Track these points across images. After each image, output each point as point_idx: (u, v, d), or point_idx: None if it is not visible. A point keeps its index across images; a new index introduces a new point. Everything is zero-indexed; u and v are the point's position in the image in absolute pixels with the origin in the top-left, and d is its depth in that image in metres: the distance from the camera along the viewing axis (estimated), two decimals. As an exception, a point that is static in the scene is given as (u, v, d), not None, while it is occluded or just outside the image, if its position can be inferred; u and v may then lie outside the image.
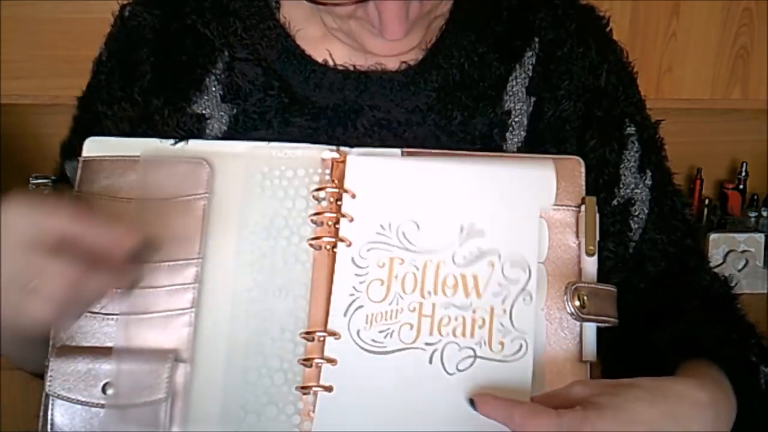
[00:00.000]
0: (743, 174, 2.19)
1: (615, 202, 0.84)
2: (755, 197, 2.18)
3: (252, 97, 0.83)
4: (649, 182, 0.86)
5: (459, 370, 0.74)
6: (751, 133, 2.19)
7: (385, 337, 0.74)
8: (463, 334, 0.74)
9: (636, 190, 0.85)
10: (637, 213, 0.85)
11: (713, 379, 0.75)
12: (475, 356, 0.74)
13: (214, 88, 0.84)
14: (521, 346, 0.74)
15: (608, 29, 0.89)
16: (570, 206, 0.78)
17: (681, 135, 2.23)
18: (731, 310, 0.87)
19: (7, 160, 1.92)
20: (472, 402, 0.72)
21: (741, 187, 2.19)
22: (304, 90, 0.82)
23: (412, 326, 0.74)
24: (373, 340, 0.74)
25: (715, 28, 1.92)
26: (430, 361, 0.74)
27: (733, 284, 0.90)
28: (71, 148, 0.88)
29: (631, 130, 0.86)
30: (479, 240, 0.76)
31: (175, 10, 0.86)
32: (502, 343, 0.74)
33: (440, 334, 0.74)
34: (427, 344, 0.74)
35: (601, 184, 0.83)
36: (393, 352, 0.74)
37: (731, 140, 2.21)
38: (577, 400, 0.68)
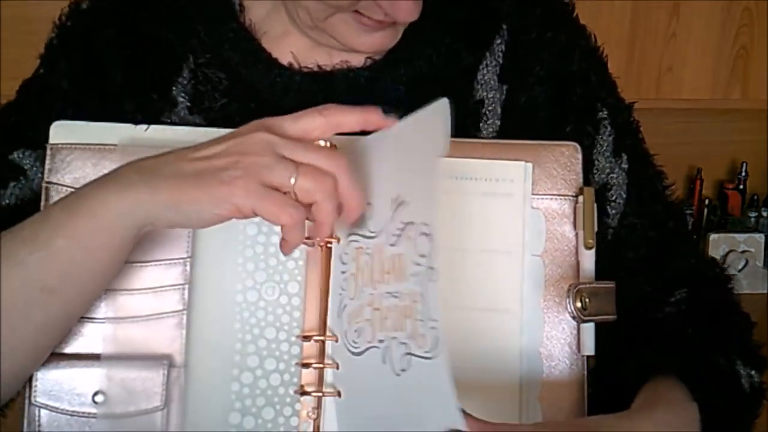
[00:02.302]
0: (743, 174, 2.19)
1: None
2: (755, 197, 2.18)
3: (217, 103, 0.80)
4: (625, 165, 0.85)
5: (402, 370, 0.68)
6: (751, 133, 2.19)
7: (358, 336, 0.71)
8: (400, 328, 0.69)
9: (612, 175, 0.84)
10: (613, 198, 0.84)
11: (667, 403, 0.74)
12: (410, 353, 0.67)
13: (181, 99, 0.81)
14: (437, 339, 0.66)
15: (575, 15, 0.87)
16: (567, 195, 0.78)
17: (681, 135, 2.24)
18: (722, 296, 0.86)
19: (6, 160, 1.92)
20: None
21: (741, 187, 2.18)
22: (271, 95, 0.80)
23: (370, 322, 0.70)
24: (353, 341, 0.71)
25: (715, 28, 1.92)
26: (384, 360, 0.69)
27: (723, 266, 0.88)
28: (17, 137, 0.82)
29: (603, 114, 0.85)
30: (403, 211, 0.70)
31: (135, 16, 0.83)
32: (423, 336, 0.67)
33: (386, 328, 0.69)
34: (380, 341, 0.69)
35: None
36: (363, 352, 0.70)
37: (731, 140, 2.20)
38: None
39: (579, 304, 0.75)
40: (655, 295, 0.83)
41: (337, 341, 0.73)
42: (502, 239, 0.76)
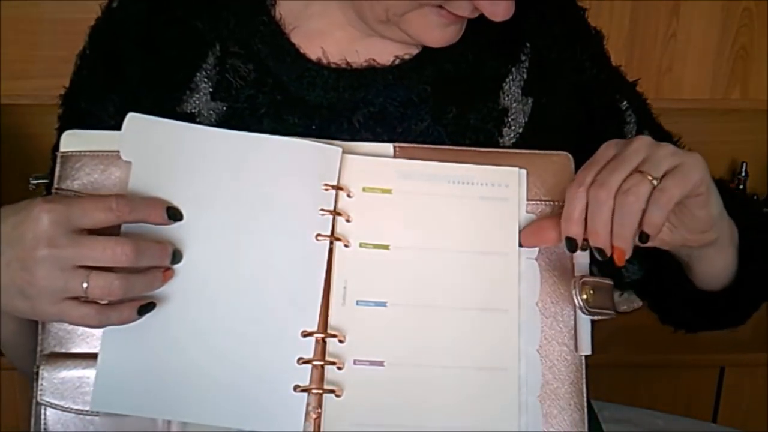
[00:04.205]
0: (743, 174, 2.18)
1: None
2: (755, 197, 2.18)
3: (243, 93, 0.82)
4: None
5: None
6: (751, 133, 2.19)
7: None
8: None
9: None
10: None
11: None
12: None
13: (204, 85, 0.83)
14: None
15: (586, 17, 0.91)
16: (560, 202, 0.78)
17: (681, 135, 2.24)
18: None
19: (7, 160, 1.92)
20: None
21: (741, 187, 2.18)
22: (298, 89, 0.82)
23: None
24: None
25: (715, 28, 1.92)
26: None
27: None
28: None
29: (624, 105, 0.89)
30: None
31: (164, 1, 0.85)
32: None
33: None
34: None
35: None
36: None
37: (731, 140, 2.20)
38: None
39: (584, 297, 0.76)
40: None
41: (342, 341, 0.73)
42: (498, 241, 0.78)
